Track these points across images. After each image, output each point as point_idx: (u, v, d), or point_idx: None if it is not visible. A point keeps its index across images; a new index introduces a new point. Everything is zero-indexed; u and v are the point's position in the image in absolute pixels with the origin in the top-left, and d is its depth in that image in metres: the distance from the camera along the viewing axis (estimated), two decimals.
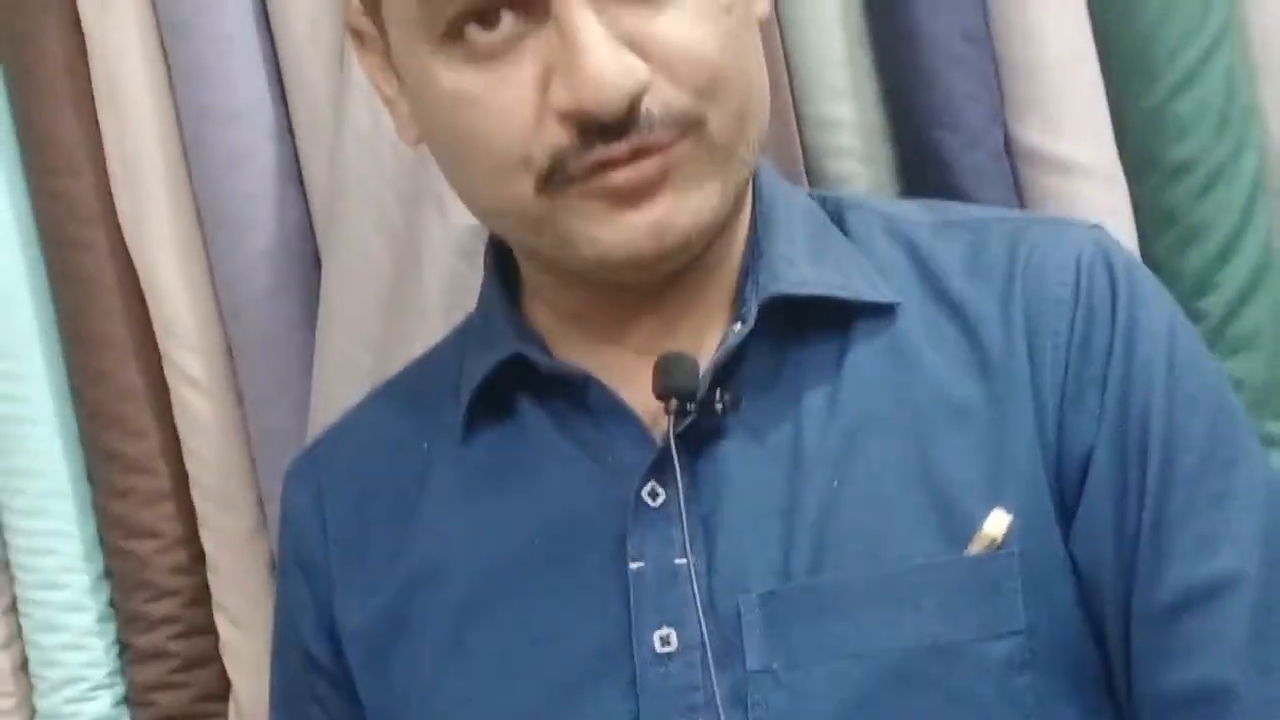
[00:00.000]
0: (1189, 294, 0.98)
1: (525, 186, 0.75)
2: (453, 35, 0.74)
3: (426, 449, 0.90)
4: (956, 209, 0.92)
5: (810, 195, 0.90)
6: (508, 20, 0.72)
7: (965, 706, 0.73)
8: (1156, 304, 0.81)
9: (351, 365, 1.04)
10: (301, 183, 1.11)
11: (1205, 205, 0.97)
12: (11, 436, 1.13)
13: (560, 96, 0.72)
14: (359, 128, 1.03)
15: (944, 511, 0.75)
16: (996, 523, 0.72)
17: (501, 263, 0.90)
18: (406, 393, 0.96)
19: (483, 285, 0.92)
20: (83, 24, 1.09)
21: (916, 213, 0.88)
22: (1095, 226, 0.86)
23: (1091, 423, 0.76)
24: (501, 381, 0.85)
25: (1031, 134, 1.00)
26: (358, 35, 0.85)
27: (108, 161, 1.10)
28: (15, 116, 1.13)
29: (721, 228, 0.82)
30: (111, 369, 1.11)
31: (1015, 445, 0.76)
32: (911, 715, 0.74)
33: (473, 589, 0.84)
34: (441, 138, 0.82)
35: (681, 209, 0.75)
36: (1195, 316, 0.96)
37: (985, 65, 1.00)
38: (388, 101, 0.86)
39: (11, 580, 1.14)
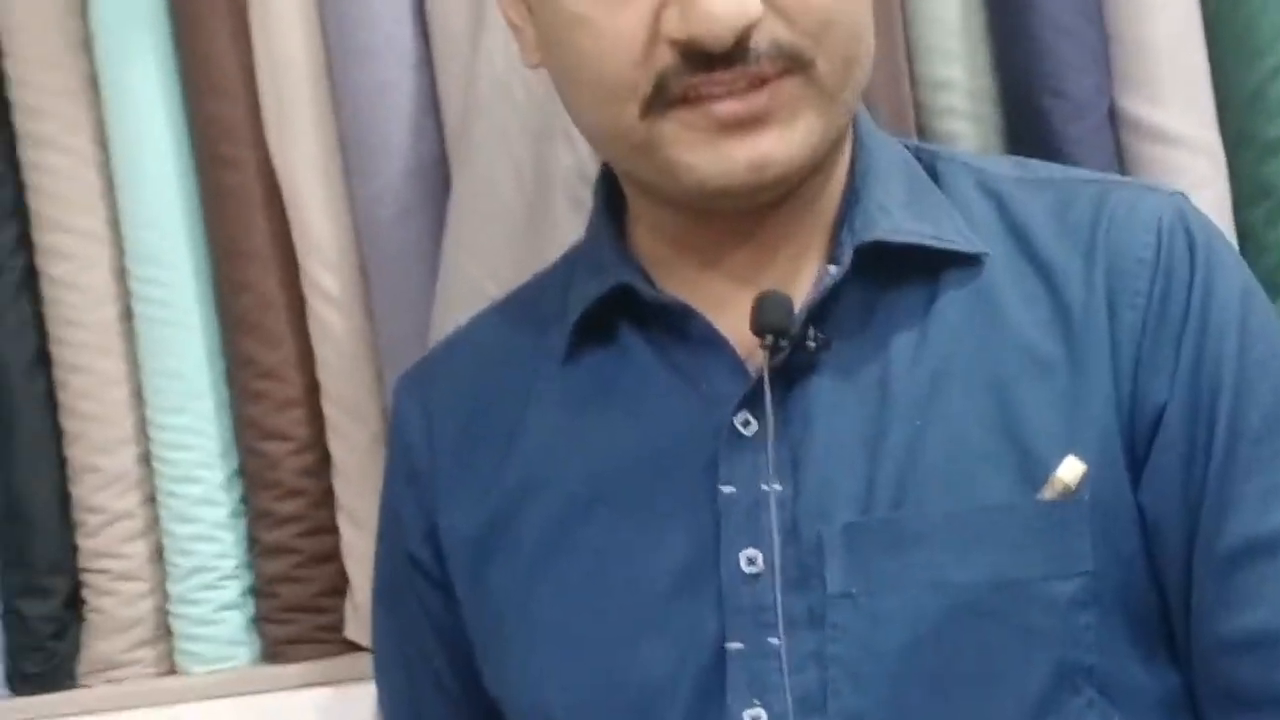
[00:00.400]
0: (1278, 264, 1.01)
1: (631, 110, 0.78)
2: None
3: (532, 368, 0.92)
4: (1045, 167, 0.93)
5: (905, 146, 0.92)
6: None
7: (1031, 639, 0.77)
8: (1232, 271, 0.83)
9: (473, 288, 1.06)
10: (437, 114, 1.14)
11: None
12: (158, 338, 1.18)
13: (673, 24, 0.75)
14: (493, 64, 1.06)
15: (1021, 456, 0.78)
16: (1070, 470, 0.75)
17: (610, 192, 0.92)
18: (515, 313, 0.99)
19: (592, 212, 0.94)
20: None
21: (1007, 168, 0.90)
22: (1176, 193, 0.87)
23: (1166, 380, 0.79)
24: (605, 308, 0.88)
25: (1137, 106, 1.02)
26: None
27: (259, 87, 1.14)
28: (176, 41, 1.17)
29: (818, 167, 0.84)
30: (252, 280, 1.16)
31: (1092, 398, 0.79)
32: (981, 645, 0.77)
33: (569, 503, 0.88)
34: (558, 60, 0.84)
35: (782, 145, 0.78)
36: (1278, 289, 1.00)
37: (1096, 38, 1.03)
38: (515, 28, 0.88)
39: (151, 472, 1.19)
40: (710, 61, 0.75)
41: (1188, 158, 1.01)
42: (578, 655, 0.85)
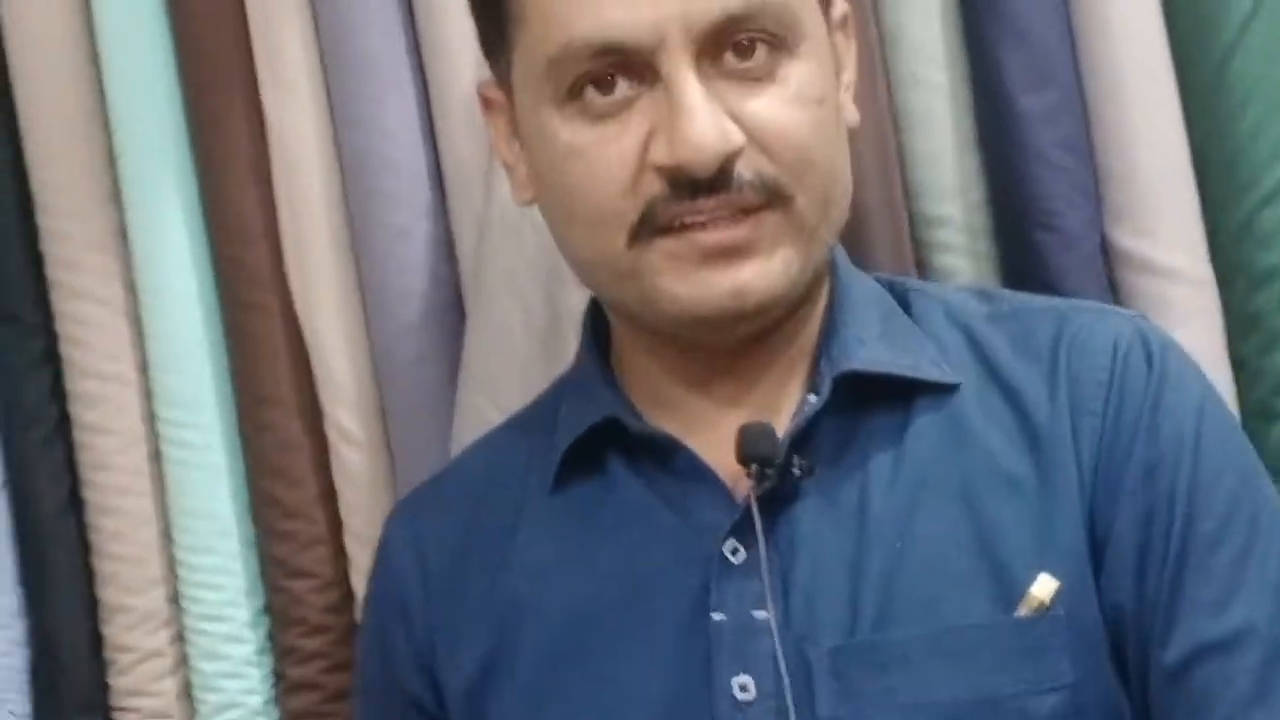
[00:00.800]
0: (1271, 392, 1.03)
1: (618, 240, 0.82)
2: (572, 96, 0.82)
3: (520, 500, 0.95)
4: (1007, 298, 0.96)
5: (878, 280, 0.95)
6: (622, 85, 0.80)
7: None
8: (1188, 384, 0.85)
9: (488, 426, 1.06)
10: (453, 259, 1.18)
11: None
12: (186, 480, 1.19)
13: (661, 152, 0.79)
14: (504, 208, 1.09)
15: (996, 575, 0.80)
16: (1044, 587, 0.78)
17: (597, 323, 0.96)
18: (502, 446, 1.01)
19: (580, 345, 0.97)
20: (264, 111, 1.18)
21: (972, 302, 0.93)
22: (1137, 315, 0.91)
23: (1120, 495, 0.81)
24: (593, 439, 0.90)
25: (1127, 239, 1.04)
26: (488, 103, 0.93)
27: (281, 233, 1.18)
28: (201, 190, 1.21)
29: (798, 301, 0.87)
30: (276, 422, 1.19)
31: (1061, 515, 0.81)
32: None
33: (560, 636, 0.89)
34: (551, 192, 0.88)
35: (761, 275, 0.81)
36: (1272, 415, 1.03)
37: (1085, 173, 1.05)
38: (507, 165, 0.92)
39: (180, 611, 1.20)
40: (695, 189, 0.79)
41: (1180, 289, 1.03)
42: None
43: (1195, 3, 1.04)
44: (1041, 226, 1.05)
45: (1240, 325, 1.04)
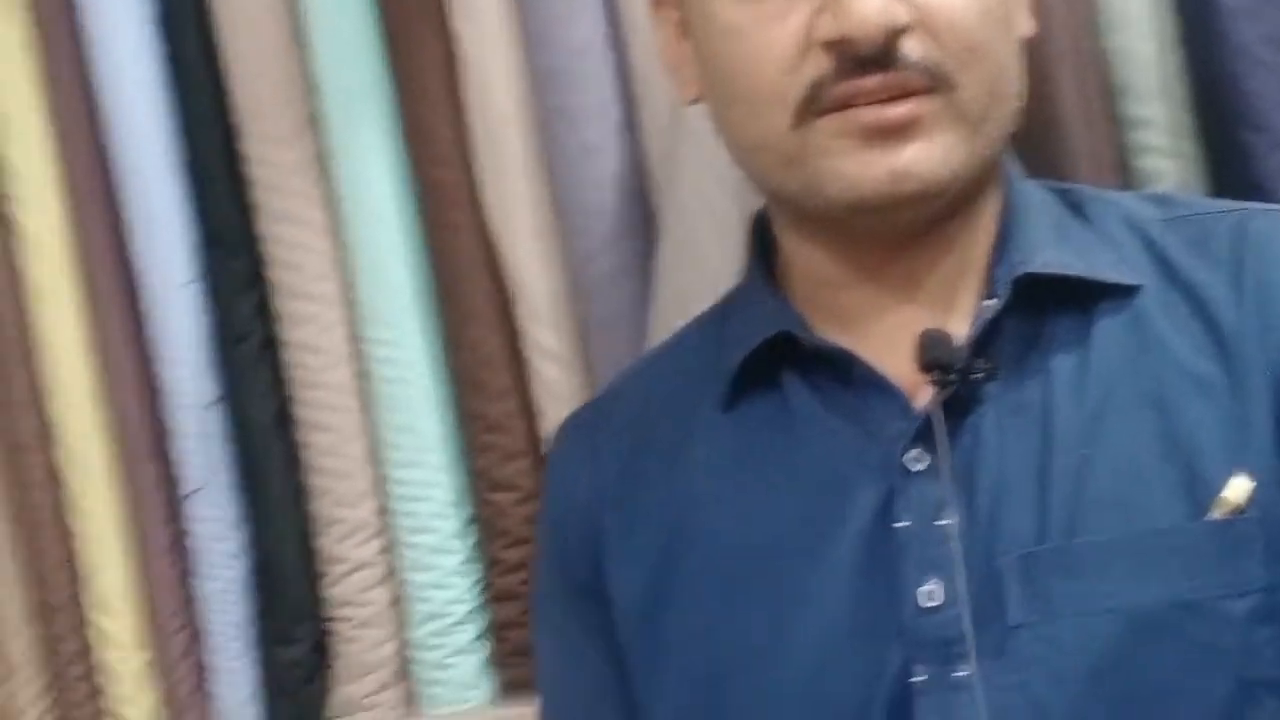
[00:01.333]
0: None
1: (782, 119, 0.83)
2: None
3: (693, 415, 0.96)
4: (1183, 202, 0.96)
5: (1050, 189, 0.95)
6: None
7: (1210, 657, 0.78)
8: None
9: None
10: (645, 173, 1.19)
11: None
12: (393, 396, 1.24)
13: (826, 26, 0.80)
14: (694, 123, 1.09)
15: (1188, 478, 0.80)
16: (1237, 489, 0.78)
17: (763, 238, 0.97)
18: (674, 362, 1.03)
19: (746, 259, 0.98)
20: (454, 34, 1.20)
21: (1148, 208, 0.93)
22: None
23: None
24: (764, 354, 0.91)
25: None
26: (657, 2, 0.95)
27: (476, 155, 1.20)
28: (398, 114, 1.24)
29: (962, 197, 0.88)
30: (476, 339, 1.22)
31: (1254, 416, 0.81)
32: (1160, 666, 0.78)
33: (742, 554, 0.90)
34: (713, 77, 0.89)
35: (923, 158, 0.82)
36: None
37: None
38: (671, 66, 0.94)
39: (389, 524, 1.25)
40: (861, 65, 0.80)
41: None
42: (765, 700, 0.87)
43: None
44: (1249, 126, 1.05)
45: None
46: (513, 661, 1.26)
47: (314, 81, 1.26)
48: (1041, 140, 1.07)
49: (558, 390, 1.23)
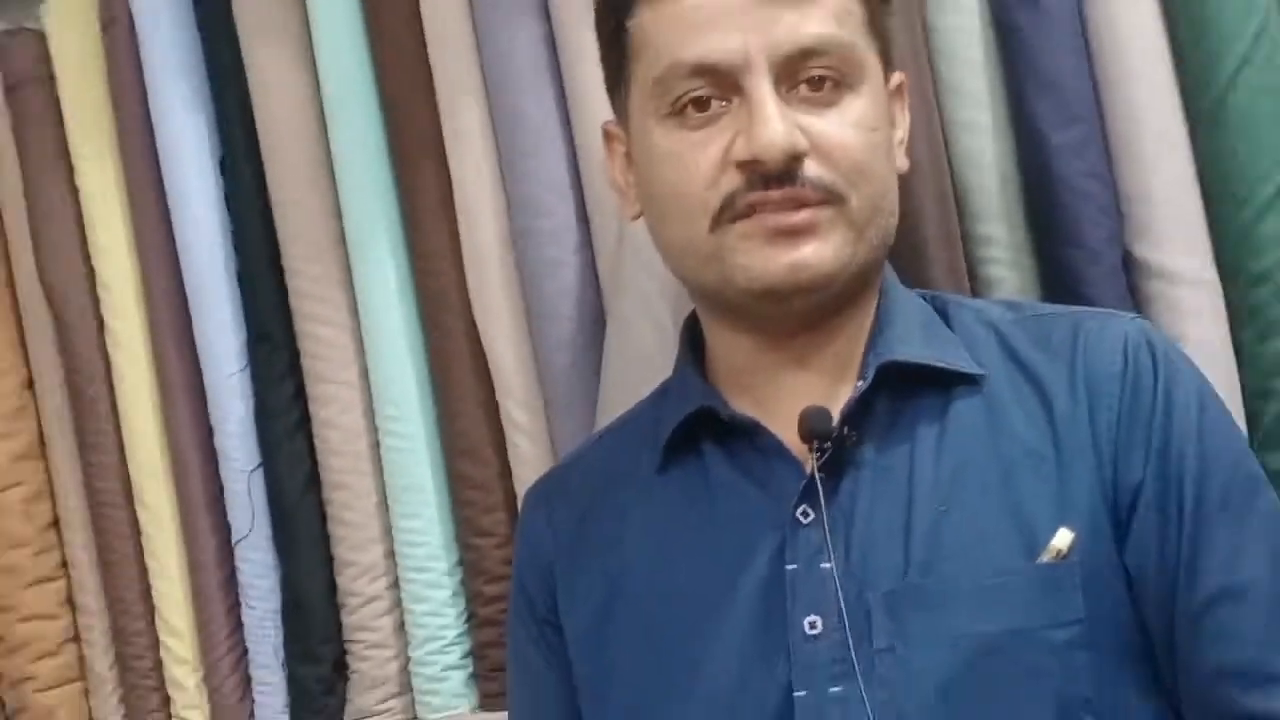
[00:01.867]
0: (1265, 375, 1.03)
1: (702, 225, 0.84)
2: (674, 112, 0.85)
3: (631, 480, 0.96)
4: (1029, 306, 0.97)
5: (920, 294, 0.95)
6: (715, 104, 0.83)
7: (1037, 677, 0.80)
8: (1188, 378, 0.87)
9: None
10: (597, 285, 1.21)
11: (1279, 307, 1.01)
12: (398, 461, 1.27)
13: (740, 148, 0.82)
14: (637, 243, 1.11)
15: (1023, 530, 0.81)
16: (1062, 538, 0.79)
17: (693, 337, 0.97)
18: (618, 438, 1.03)
19: (678, 355, 0.98)
20: (450, 165, 1.22)
21: (999, 309, 0.94)
22: (1137, 317, 0.91)
23: (1140, 464, 0.83)
24: (690, 428, 0.92)
25: (1145, 251, 1.04)
26: (609, 136, 0.95)
27: (465, 268, 1.23)
28: (406, 237, 1.28)
29: (847, 295, 0.88)
30: (465, 416, 1.25)
31: (1077, 482, 0.83)
32: (997, 684, 0.80)
33: (665, 587, 0.91)
34: (649, 194, 0.90)
35: (816, 255, 0.83)
36: (1268, 394, 1.03)
37: (1107, 198, 1.05)
38: (620, 188, 0.95)
39: (394, 564, 1.28)
40: (767, 180, 0.81)
41: (1189, 291, 1.03)
42: (679, 705, 0.89)
43: (1197, 51, 1.04)
44: (1071, 244, 1.06)
45: (1240, 318, 1.04)
46: (492, 676, 1.26)
47: (339, 210, 1.29)
48: (910, 253, 1.08)
49: (527, 457, 1.24)
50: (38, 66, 1.36)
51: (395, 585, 1.29)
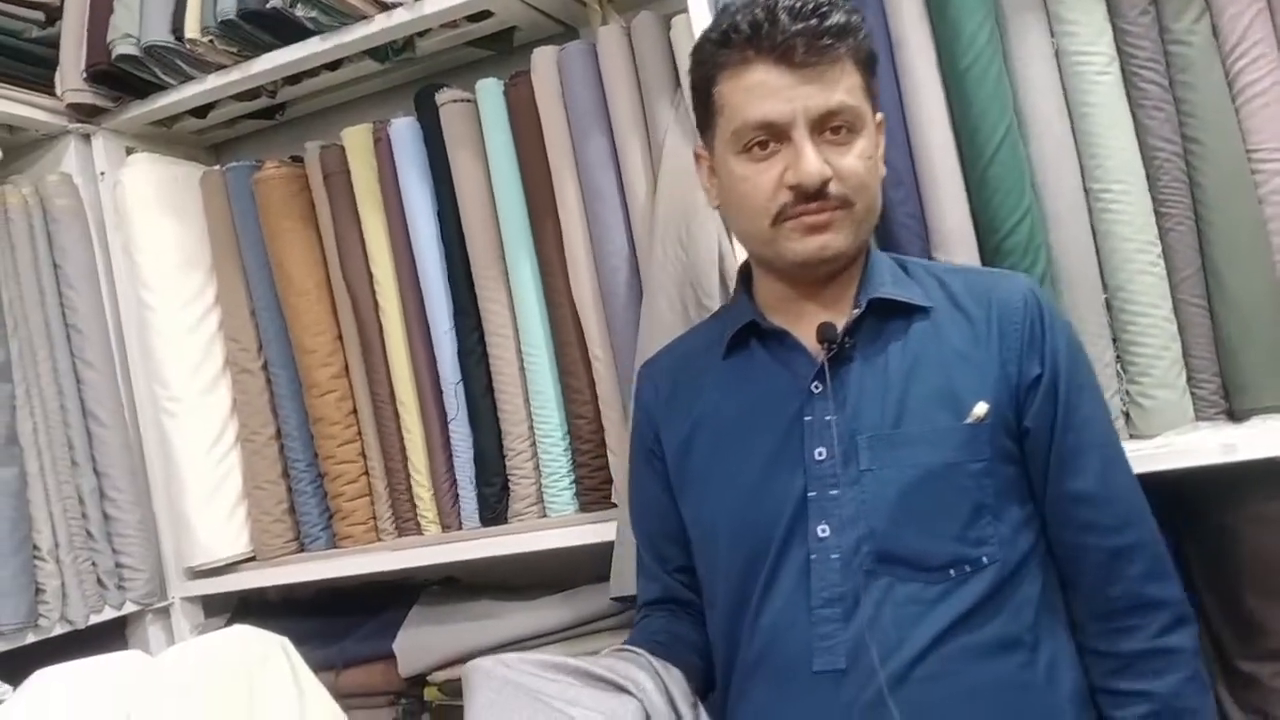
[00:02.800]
0: None
1: (764, 223, 0.83)
2: (745, 150, 0.83)
3: (706, 361, 0.93)
4: (963, 268, 0.95)
5: (891, 256, 0.93)
6: (772, 145, 0.81)
7: (960, 491, 0.79)
8: (1062, 324, 0.87)
9: (648, 354, 1.06)
10: (638, 279, 1.22)
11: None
12: (534, 378, 1.28)
13: (790, 176, 0.80)
14: (660, 259, 1.15)
15: (956, 402, 0.81)
16: (980, 408, 0.79)
17: (745, 276, 0.94)
18: (695, 337, 1.00)
19: (735, 288, 0.96)
20: (560, 217, 1.24)
21: (941, 267, 0.92)
22: (1030, 279, 0.89)
23: (1038, 364, 0.83)
24: (743, 332, 0.90)
25: (940, 258, 1.06)
26: (698, 157, 0.91)
27: (568, 271, 1.24)
28: (536, 258, 1.29)
29: (851, 258, 0.86)
30: (571, 354, 1.28)
31: (990, 374, 0.82)
32: (935, 493, 0.79)
33: (724, 427, 0.89)
34: (730, 199, 0.87)
35: (835, 242, 0.82)
36: None
37: (919, 229, 1.08)
38: (707, 187, 0.91)
39: (533, 433, 1.28)
40: (806, 197, 0.80)
41: None
42: (728, 498, 0.87)
43: (971, 142, 1.05)
44: (899, 253, 1.03)
45: None
46: (587, 494, 1.30)
47: (502, 241, 1.32)
48: (880, 231, 1.05)
49: (602, 375, 1.27)
50: (340, 163, 1.40)
51: (534, 444, 1.32)
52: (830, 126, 0.81)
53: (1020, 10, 1.04)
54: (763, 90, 0.80)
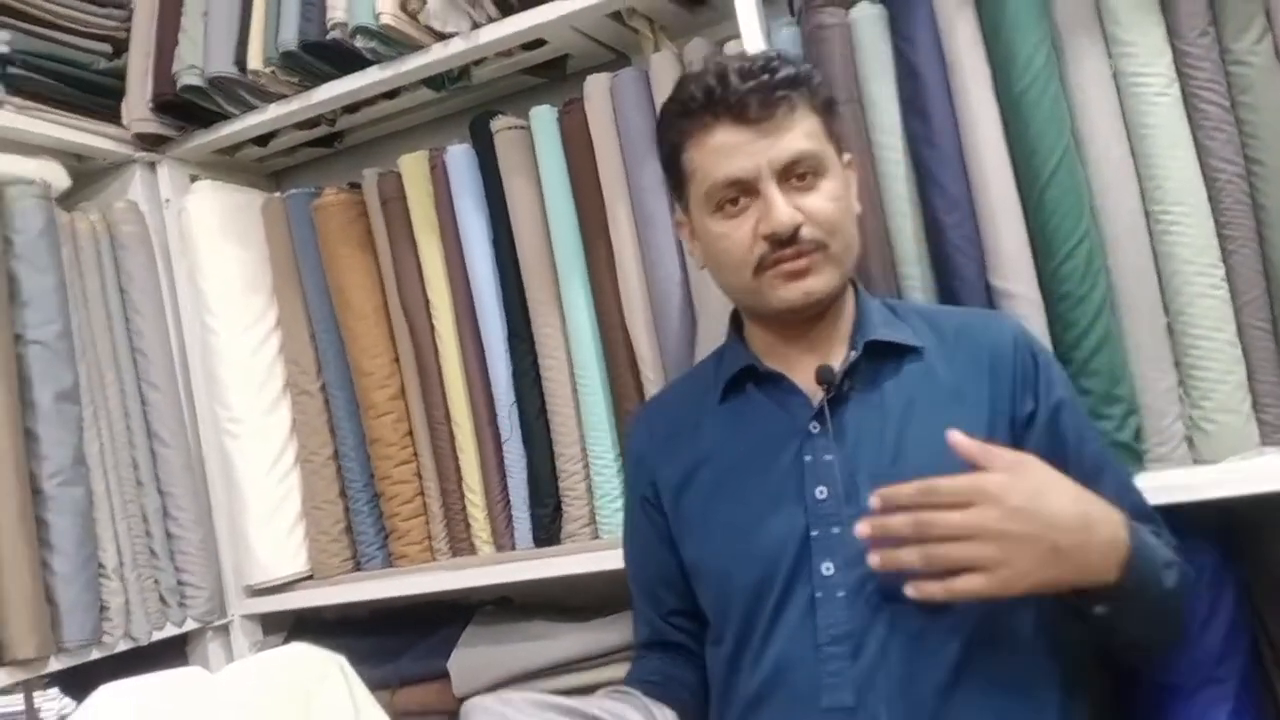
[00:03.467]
0: (1068, 349, 1.02)
1: (746, 275, 0.85)
2: (717, 209, 0.86)
3: (701, 407, 0.95)
4: (948, 309, 0.99)
5: (880, 299, 0.95)
6: (742, 200, 0.84)
7: None
8: (1054, 363, 0.89)
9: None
10: (691, 300, 1.22)
11: (1075, 313, 1.02)
12: (586, 400, 1.27)
13: (763, 227, 0.82)
14: (706, 283, 1.13)
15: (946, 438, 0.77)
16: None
17: (735, 322, 0.97)
18: (690, 382, 1.02)
19: (727, 333, 0.99)
20: (611, 239, 1.23)
21: (931, 309, 0.95)
22: (1017, 319, 0.94)
23: (1031, 401, 0.85)
24: (738, 377, 0.92)
25: (996, 280, 1.06)
26: (679, 224, 0.96)
27: (620, 295, 1.25)
28: (589, 281, 1.28)
29: (834, 300, 0.88)
30: (623, 375, 1.27)
31: (980, 413, 0.84)
32: None
33: (722, 468, 0.90)
34: (711, 258, 0.90)
35: (816, 285, 0.84)
36: (1068, 361, 1.01)
37: (975, 253, 1.06)
38: (691, 250, 0.94)
39: (585, 454, 1.28)
40: (781, 243, 0.82)
41: (1023, 305, 1.04)
42: (730, 538, 0.87)
43: (1027, 165, 1.04)
44: (955, 279, 1.08)
45: (1051, 320, 1.05)
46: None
47: (555, 263, 1.31)
48: (865, 283, 1.07)
49: (652, 391, 1.25)
50: (397, 190, 1.41)
51: (586, 465, 1.32)
52: (795, 174, 0.83)
53: (1077, 32, 1.03)
54: (726, 150, 0.82)
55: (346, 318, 1.42)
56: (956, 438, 0.69)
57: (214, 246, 1.45)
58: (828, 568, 0.81)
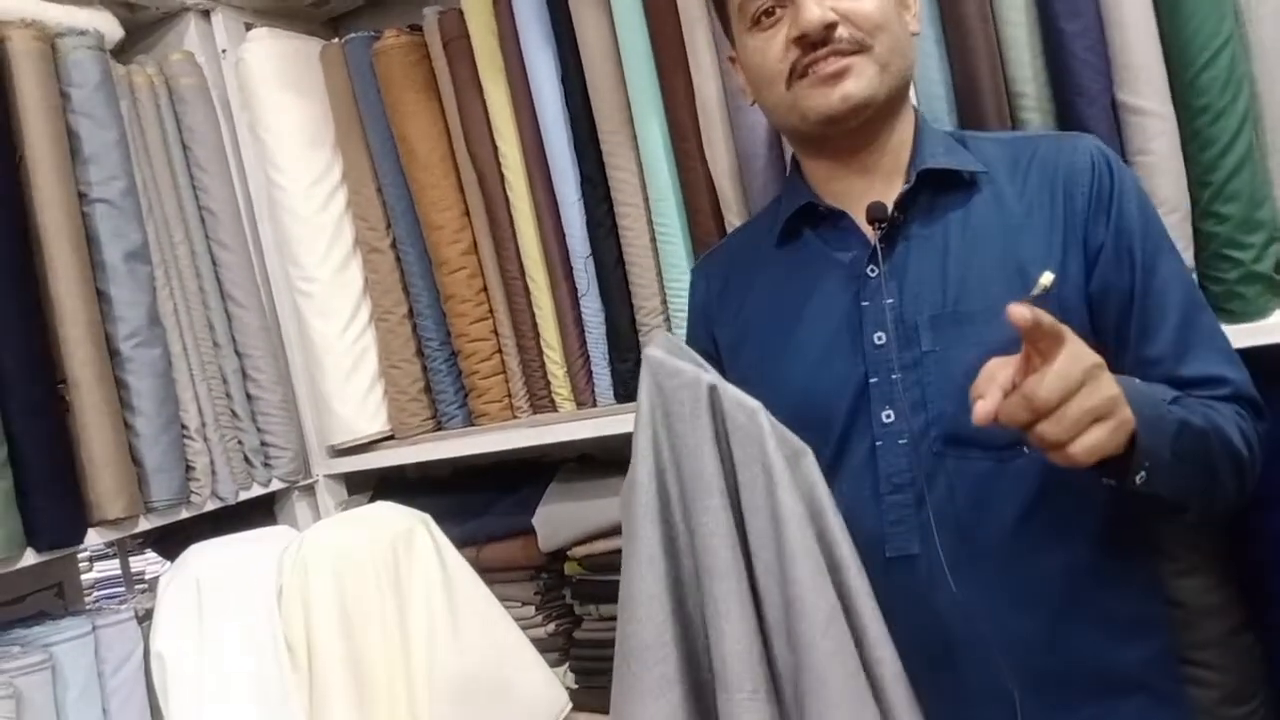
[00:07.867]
0: (1204, 170, 0.99)
1: (781, 87, 0.83)
2: (754, 24, 0.85)
3: (759, 251, 0.95)
4: (1028, 134, 0.93)
5: (945, 130, 0.93)
6: (777, 11, 0.83)
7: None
8: (1129, 175, 0.85)
9: None
10: (774, 139, 1.16)
11: (1214, 129, 0.99)
12: (666, 249, 1.25)
13: (793, 30, 0.81)
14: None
15: (1020, 274, 0.80)
16: (1047, 278, 0.70)
17: (794, 164, 0.96)
18: (751, 227, 1.03)
19: (787, 174, 0.99)
20: (692, 75, 1.19)
21: (1006, 135, 0.90)
22: (1095, 138, 0.88)
23: (1103, 229, 0.82)
24: (797, 216, 0.91)
25: (1125, 96, 1.02)
26: (732, 60, 0.95)
27: (702, 135, 1.19)
28: (665, 118, 1.22)
29: (884, 114, 0.84)
30: (701, 214, 1.23)
31: (1056, 240, 0.82)
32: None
33: (779, 318, 0.90)
34: (750, 77, 0.89)
35: (854, 87, 0.81)
36: (1204, 184, 0.99)
37: (1100, 64, 1.02)
38: (743, 89, 0.93)
39: (665, 304, 1.25)
40: (814, 45, 0.80)
41: (1155, 121, 1.00)
42: (787, 388, 0.87)
43: None
44: (1077, 94, 1.04)
45: (1186, 137, 1.02)
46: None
47: (630, 103, 1.25)
48: (970, 105, 1.08)
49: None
50: (460, 28, 1.38)
51: (667, 319, 1.29)
52: None
53: None
54: None
55: (413, 169, 1.40)
56: (1014, 311, 0.65)
57: (274, 98, 1.42)
58: (888, 415, 0.80)
